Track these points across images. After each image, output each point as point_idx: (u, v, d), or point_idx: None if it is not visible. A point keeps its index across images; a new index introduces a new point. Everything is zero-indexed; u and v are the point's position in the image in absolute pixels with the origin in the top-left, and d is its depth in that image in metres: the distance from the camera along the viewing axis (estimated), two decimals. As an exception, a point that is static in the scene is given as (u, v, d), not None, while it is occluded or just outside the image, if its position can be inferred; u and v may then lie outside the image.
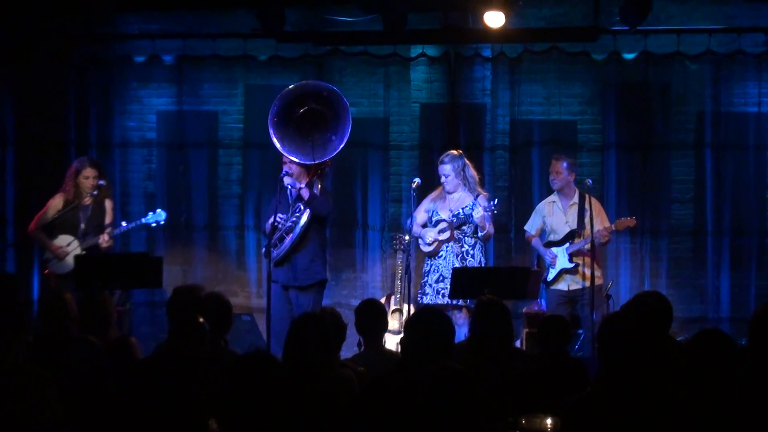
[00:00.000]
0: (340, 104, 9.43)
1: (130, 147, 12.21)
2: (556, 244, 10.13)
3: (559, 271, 10.04)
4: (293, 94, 9.49)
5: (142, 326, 11.57)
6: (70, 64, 11.85)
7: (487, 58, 11.67)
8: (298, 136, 9.38)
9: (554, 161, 10.23)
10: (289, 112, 9.45)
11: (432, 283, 9.79)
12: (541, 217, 10.33)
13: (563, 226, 10.14)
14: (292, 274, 9.21)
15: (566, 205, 10.17)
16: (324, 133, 9.42)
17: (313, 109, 9.46)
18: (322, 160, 9.40)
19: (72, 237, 10.05)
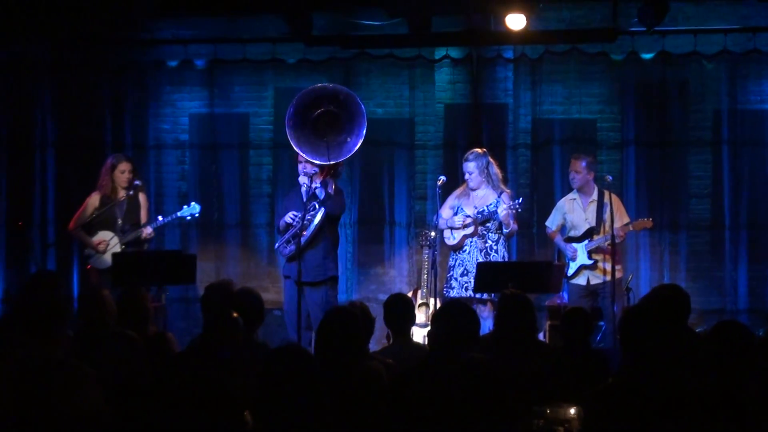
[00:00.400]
0: (356, 107, 9.52)
1: (164, 148, 12.25)
2: (575, 239, 10.11)
3: (578, 266, 10.02)
4: (309, 97, 9.57)
5: (177, 321, 11.62)
6: (106, 69, 11.90)
7: (509, 60, 11.65)
8: (313, 136, 9.47)
9: (574, 160, 10.21)
10: (305, 114, 9.53)
11: (457, 277, 9.81)
12: (561, 214, 10.31)
13: (583, 222, 10.12)
14: (303, 270, 9.25)
15: (586, 202, 10.15)
16: (338, 135, 9.49)
17: (328, 111, 9.52)
18: (338, 160, 9.48)
19: (111, 233, 10.11)
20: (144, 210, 10.40)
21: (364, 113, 9.48)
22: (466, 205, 9.91)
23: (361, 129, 9.44)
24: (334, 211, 9.49)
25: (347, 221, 11.79)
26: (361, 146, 11.44)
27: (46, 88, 11.88)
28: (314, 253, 9.33)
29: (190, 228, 11.83)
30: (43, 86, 11.87)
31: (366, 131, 11.34)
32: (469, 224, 9.77)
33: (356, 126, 9.49)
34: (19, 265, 11.78)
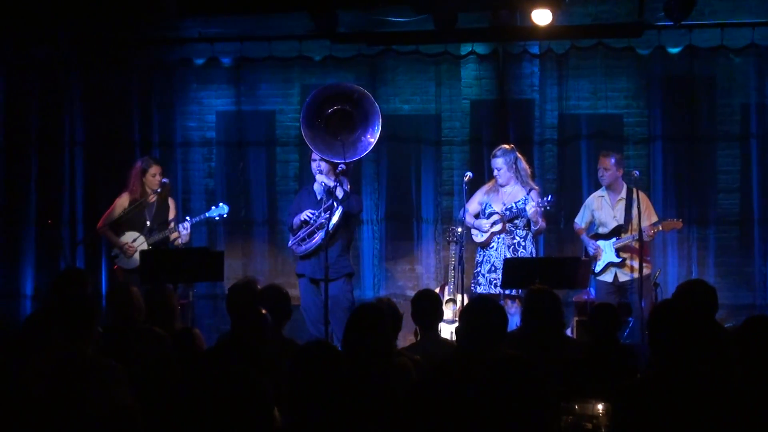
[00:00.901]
0: (370, 106, 9.58)
1: (191, 146, 12.28)
2: (603, 237, 10.08)
3: (605, 264, 10.00)
4: (322, 96, 9.66)
5: (205, 318, 11.66)
6: (133, 68, 11.95)
7: (535, 55, 11.62)
8: (327, 135, 9.54)
9: (602, 157, 10.17)
10: (318, 113, 9.59)
11: (485, 273, 9.80)
12: (590, 211, 10.29)
13: (611, 220, 10.10)
14: (319, 267, 9.31)
15: (614, 199, 10.12)
16: (352, 133, 9.56)
17: (340, 109, 9.58)
18: (354, 159, 9.54)
19: (138, 233, 10.16)
20: (172, 211, 10.47)
21: (378, 111, 9.57)
22: (495, 201, 9.89)
23: (376, 127, 9.51)
24: (354, 209, 9.67)
25: (374, 218, 11.81)
26: (387, 143, 11.50)
27: (75, 87, 11.93)
28: (331, 250, 9.39)
29: (217, 225, 11.86)
30: (72, 85, 11.93)
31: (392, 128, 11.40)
32: (497, 221, 9.76)
33: (371, 124, 9.56)
34: (49, 263, 11.84)
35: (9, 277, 11.87)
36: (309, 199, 9.68)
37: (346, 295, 9.59)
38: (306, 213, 9.50)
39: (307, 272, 9.52)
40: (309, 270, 9.52)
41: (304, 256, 9.54)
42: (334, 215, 9.36)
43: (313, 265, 9.50)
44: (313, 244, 9.45)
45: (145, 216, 10.25)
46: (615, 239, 9.99)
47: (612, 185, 10.15)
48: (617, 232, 10.02)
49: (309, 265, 9.52)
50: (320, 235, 9.37)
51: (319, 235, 9.40)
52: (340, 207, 9.41)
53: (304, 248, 9.51)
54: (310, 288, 9.58)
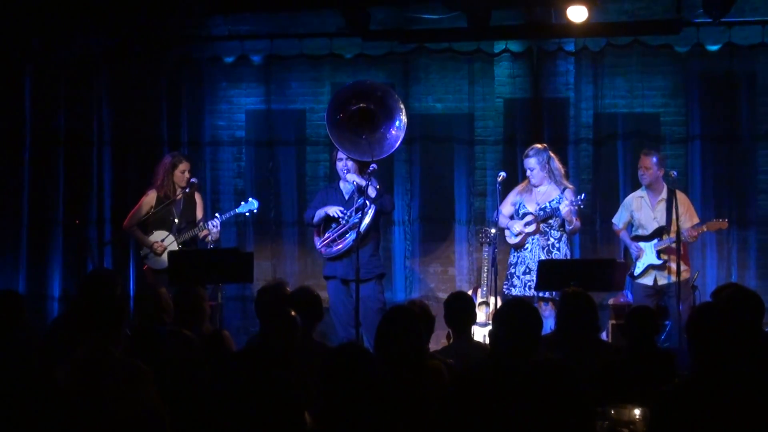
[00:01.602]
0: (394, 103, 9.60)
1: (221, 145, 12.30)
2: (644, 239, 10.02)
3: (646, 266, 9.94)
4: (345, 95, 9.69)
5: (234, 319, 11.69)
6: (163, 65, 11.99)
7: (570, 53, 11.58)
8: (352, 134, 9.57)
9: (643, 156, 10.11)
10: (342, 111, 9.62)
11: (519, 275, 9.79)
12: (628, 212, 10.23)
13: (651, 221, 10.03)
14: (351, 268, 9.33)
15: (654, 200, 10.05)
16: (376, 131, 9.58)
17: (364, 107, 9.61)
18: (381, 157, 9.59)
19: (167, 232, 10.20)
20: (200, 209, 10.52)
21: (400, 107, 9.64)
22: (528, 201, 9.87)
23: (398, 122, 9.57)
24: (387, 208, 9.76)
25: (406, 218, 11.79)
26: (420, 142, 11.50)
27: (103, 85, 11.98)
28: (363, 251, 9.46)
29: (246, 226, 11.89)
30: (100, 83, 11.97)
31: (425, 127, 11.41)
32: (530, 222, 9.73)
33: (394, 120, 9.60)
34: (77, 264, 11.89)
35: (36, 279, 11.92)
36: (335, 197, 9.71)
37: (378, 296, 9.64)
38: (336, 210, 9.51)
39: (338, 273, 9.56)
40: (341, 271, 9.55)
41: (338, 256, 9.54)
42: (366, 215, 9.37)
43: (345, 266, 9.54)
44: (345, 245, 9.49)
45: (174, 214, 10.29)
46: (657, 241, 9.93)
47: (652, 185, 10.09)
48: (659, 233, 9.96)
49: (341, 266, 9.55)
50: (352, 236, 9.38)
51: (351, 235, 9.42)
52: (372, 206, 9.43)
53: (336, 250, 9.53)
54: (340, 289, 9.62)
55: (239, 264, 8.80)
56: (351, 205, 9.60)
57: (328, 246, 9.60)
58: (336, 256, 9.58)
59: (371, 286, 9.55)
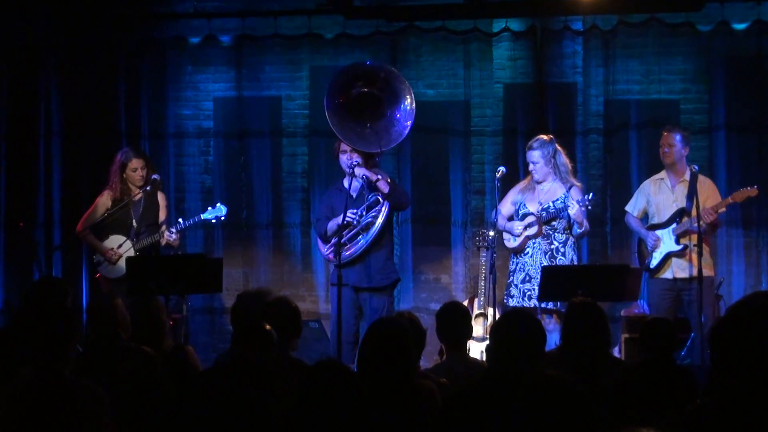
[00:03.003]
0: (400, 85, 9.54)
1: (186, 137, 12.29)
2: (660, 226, 9.94)
3: (664, 255, 9.86)
4: (344, 77, 9.65)
5: (200, 335, 11.69)
6: (119, 47, 11.97)
7: (577, 32, 11.59)
8: (353, 122, 9.52)
9: (666, 133, 10.01)
10: (342, 97, 9.57)
11: (518, 283, 9.75)
12: (645, 197, 10.13)
13: (670, 205, 9.92)
14: (365, 274, 9.31)
15: (674, 182, 9.95)
16: (381, 119, 9.54)
17: (366, 92, 9.56)
18: (390, 146, 9.55)
19: (124, 237, 10.17)
20: (163, 210, 10.47)
21: (409, 94, 9.57)
22: (530, 200, 9.85)
23: (408, 111, 9.51)
24: (403, 204, 9.73)
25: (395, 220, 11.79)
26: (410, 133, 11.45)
27: (51, 70, 11.97)
28: (378, 255, 9.45)
29: (214, 228, 11.88)
30: (48, 69, 11.96)
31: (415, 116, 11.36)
32: (532, 223, 9.71)
33: (402, 109, 9.54)
34: (21, 272, 11.87)
35: (-26, 288, 11.92)
36: (340, 199, 9.56)
37: (391, 310, 9.52)
38: (349, 213, 9.39)
39: (350, 281, 9.41)
40: (354, 278, 9.41)
41: (349, 262, 9.45)
42: (380, 214, 9.33)
43: (359, 272, 9.42)
44: (357, 249, 9.37)
45: (131, 217, 10.25)
46: (675, 224, 9.85)
47: (675, 166, 9.98)
48: (678, 215, 9.86)
49: (353, 273, 9.41)
50: (365, 239, 9.33)
51: (363, 237, 9.36)
52: (385, 203, 9.38)
53: (347, 255, 9.39)
54: (349, 298, 9.45)
55: (206, 272, 8.81)
56: (361, 204, 9.50)
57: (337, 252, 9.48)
58: (350, 261, 9.44)
59: (385, 298, 9.49)
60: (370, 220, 9.35)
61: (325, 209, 9.75)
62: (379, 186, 9.37)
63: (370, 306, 9.34)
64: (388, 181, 9.46)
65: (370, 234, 9.30)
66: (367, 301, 9.40)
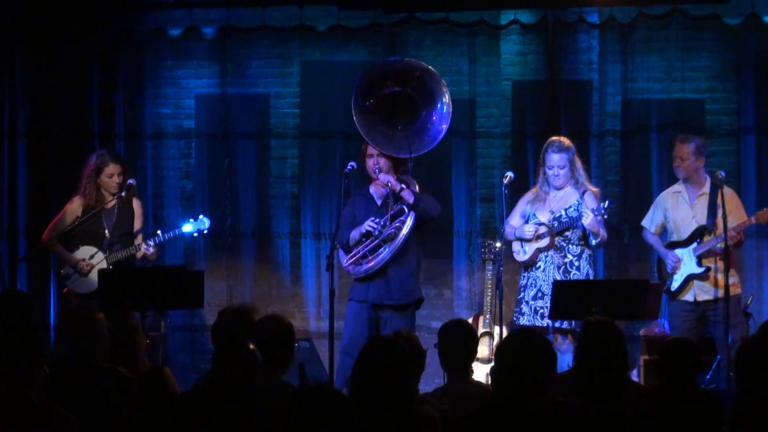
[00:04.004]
0: (435, 85, 9.54)
1: (165, 138, 12.29)
2: (680, 244, 9.94)
3: (685, 277, 9.86)
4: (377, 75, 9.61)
5: (180, 355, 11.68)
6: (91, 39, 11.96)
7: (593, 25, 11.61)
8: (385, 124, 9.50)
9: (679, 144, 9.98)
10: (374, 95, 9.55)
11: (528, 299, 9.74)
12: (662, 211, 10.11)
13: (689, 221, 9.91)
14: (386, 290, 9.28)
15: (693, 196, 9.94)
16: (414, 122, 9.52)
17: (400, 92, 9.55)
18: (422, 152, 9.53)
19: (96, 248, 10.15)
20: (138, 218, 10.43)
21: (445, 92, 9.53)
22: (541, 211, 9.78)
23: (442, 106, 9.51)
24: (430, 214, 9.56)
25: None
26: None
27: (16, 65, 11.95)
28: (400, 269, 9.41)
29: (196, 238, 11.86)
30: (13, 63, 11.95)
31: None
32: (543, 234, 9.68)
33: (438, 111, 9.55)
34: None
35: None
36: (366, 208, 9.56)
37: (412, 328, 9.47)
38: (369, 222, 9.37)
39: (370, 297, 9.39)
40: (373, 294, 9.35)
41: (364, 277, 9.42)
42: (405, 224, 9.31)
43: (379, 287, 9.36)
44: (378, 262, 9.32)
45: (103, 226, 10.22)
46: (696, 244, 9.84)
47: (691, 178, 9.95)
48: (699, 234, 9.85)
49: (373, 288, 9.35)
50: (387, 251, 9.30)
51: (386, 249, 9.32)
52: (411, 213, 9.35)
53: (366, 268, 9.35)
54: (365, 316, 9.40)
55: (187, 285, 8.80)
56: (385, 212, 9.45)
57: (357, 263, 9.44)
58: (367, 275, 9.41)
59: (408, 318, 9.44)
60: (393, 231, 9.31)
61: (348, 216, 9.65)
62: (403, 196, 9.32)
63: (391, 325, 9.24)
64: (414, 191, 9.42)
65: (393, 246, 9.27)
66: (389, 320, 9.33)
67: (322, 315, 11.66)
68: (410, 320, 9.52)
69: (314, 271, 11.99)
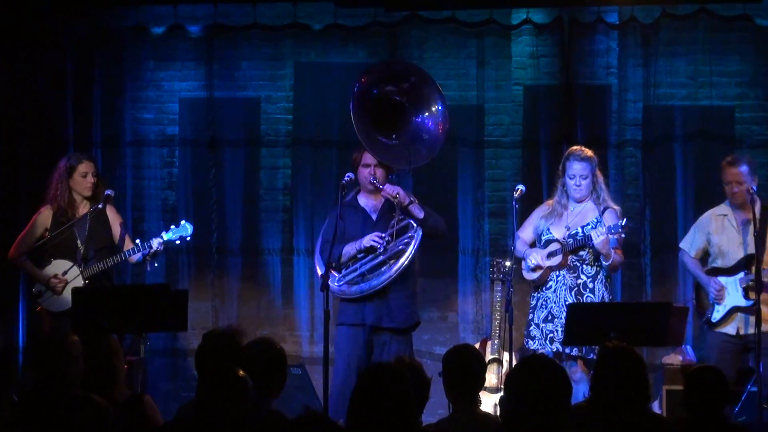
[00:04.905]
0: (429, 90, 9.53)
1: (146, 146, 12.31)
2: (724, 272, 9.85)
3: (729, 309, 9.79)
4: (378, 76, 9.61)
5: (161, 381, 11.67)
6: (66, 37, 11.97)
7: (612, 25, 11.63)
8: (379, 133, 9.49)
9: (728, 167, 9.73)
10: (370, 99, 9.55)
11: (539, 322, 9.70)
12: (704, 234, 9.98)
13: (736, 248, 9.78)
14: (385, 312, 9.27)
15: (741, 220, 9.80)
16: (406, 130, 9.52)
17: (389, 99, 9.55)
18: (418, 165, 9.54)
19: (69, 262, 10.13)
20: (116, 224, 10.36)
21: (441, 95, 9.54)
22: (556, 226, 9.72)
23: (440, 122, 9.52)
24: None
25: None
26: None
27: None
28: (401, 291, 9.41)
29: (179, 254, 11.87)
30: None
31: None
32: (556, 251, 9.63)
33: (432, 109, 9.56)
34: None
35: None
36: (360, 221, 9.56)
37: (411, 353, 9.45)
38: (371, 238, 9.34)
39: (368, 320, 9.36)
40: (371, 317, 9.31)
41: (358, 298, 9.39)
42: (413, 241, 9.30)
43: (378, 309, 9.33)
44: (383, 281, 9.29)
45: (76, 236, 10.19)
46: (743, 274, 9.77)
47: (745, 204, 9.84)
48: (746, 263, 9.78)
49: (371, 310, 9.30)
50: (395, 268, 9.27)
51: (392, 267, 9.29)
52: (418, 230, 9.34)
53: (367, 287, 9.34)
54: (361, 340, 9.38)
55: (169, 306, 8.79)
56: (383, 227, 9.42)
57: (353, 283, 9.41)
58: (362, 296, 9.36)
59: (408, 343, 9.48)
60: (402, 248, 9.29)
61: (330, 230, 9.52)
62: (411, 210, 9.32)
63: (390, 351, 9.24)
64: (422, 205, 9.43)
65: (399, 264, 9.25)
66: (387, 344, 9.31)
67: (316, 339, 11.65)
68: (410, 345, 9.54)
69: (307, 292, 11.97)
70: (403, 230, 9.30)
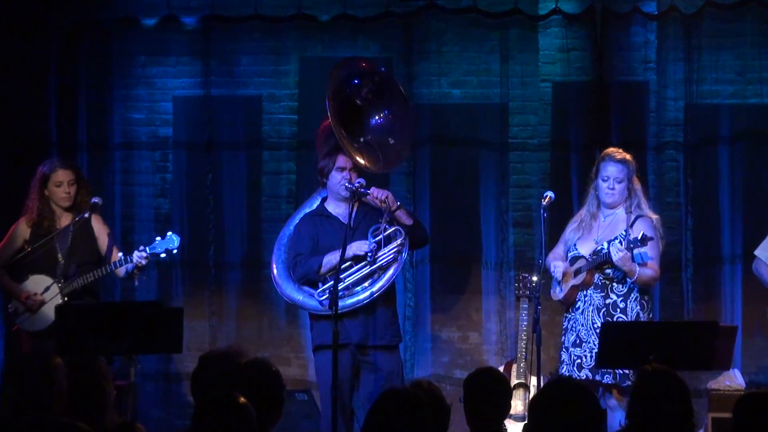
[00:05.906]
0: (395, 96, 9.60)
1: (136, 149, 12.32)
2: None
3: None
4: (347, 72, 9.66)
5: (153, 408, 11.68)
6: (50, 32, 11.99)
7: (651, 16, 11.63)
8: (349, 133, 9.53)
9: None
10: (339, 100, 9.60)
11: (569, 346, 9.66)
12: None
13: None
14: (372, 329, 9.26)
15: None
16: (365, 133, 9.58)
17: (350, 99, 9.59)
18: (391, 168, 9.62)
19: (49, 278, 10.13)
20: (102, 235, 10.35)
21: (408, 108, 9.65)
22: (585, 240, 9.57)
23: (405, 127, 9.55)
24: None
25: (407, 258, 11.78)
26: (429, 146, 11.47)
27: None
28: (386, 305, 9.46)
29: (172, 268, 11.87)
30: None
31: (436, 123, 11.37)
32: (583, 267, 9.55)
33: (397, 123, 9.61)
34: None
35: None
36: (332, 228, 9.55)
37: (400, 372, 9.51)
38: (359, 246, 9.37)
39: (353, 338, 9.34)
40: (357, 335, 9.33)
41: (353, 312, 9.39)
42: (404, 249, 9.31)
43: (364, 326, 9.36)
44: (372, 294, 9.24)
45: (56, 249, 10.19)
46: None
47: None
48: None
49: (356, 327, 9.30)
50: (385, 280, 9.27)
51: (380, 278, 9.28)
52: (407, 238, 9.35)
53: (352, 303, 9.34)
54: (347, 362, 9.37)
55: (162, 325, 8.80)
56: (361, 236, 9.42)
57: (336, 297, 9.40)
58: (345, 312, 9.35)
59: (396, 359, 9.52)
60: (392, 258, 9.30)
61: (307, 242, 9.60)
62: (399, 216, 9.33)
63: (379, 368, 9.26)
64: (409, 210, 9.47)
65: (386, 276, 9.26)
66: (373, 363, 9.33)
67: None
68: (398, 362, 9.59)
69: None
70: (390, 238, 9.30)
